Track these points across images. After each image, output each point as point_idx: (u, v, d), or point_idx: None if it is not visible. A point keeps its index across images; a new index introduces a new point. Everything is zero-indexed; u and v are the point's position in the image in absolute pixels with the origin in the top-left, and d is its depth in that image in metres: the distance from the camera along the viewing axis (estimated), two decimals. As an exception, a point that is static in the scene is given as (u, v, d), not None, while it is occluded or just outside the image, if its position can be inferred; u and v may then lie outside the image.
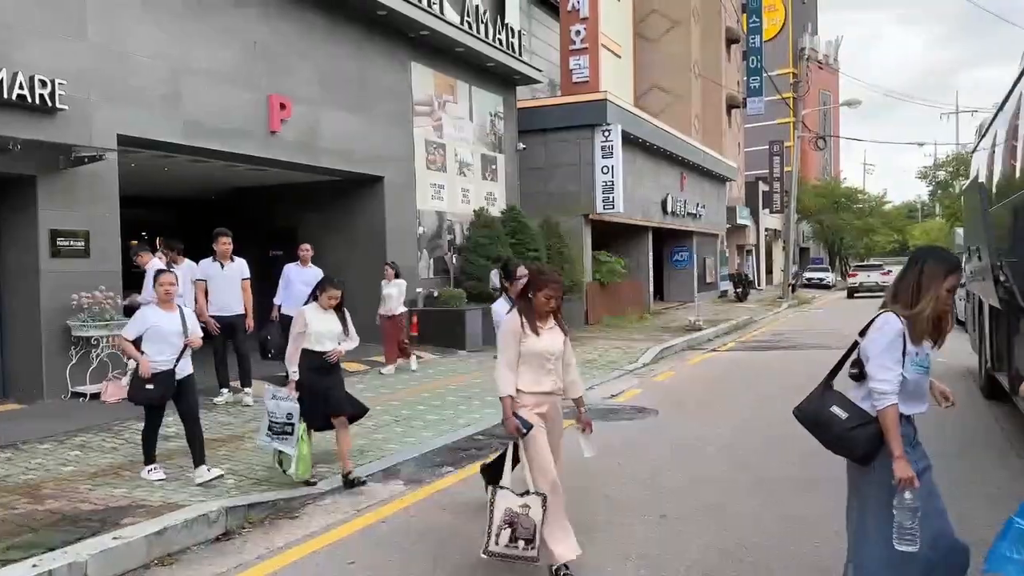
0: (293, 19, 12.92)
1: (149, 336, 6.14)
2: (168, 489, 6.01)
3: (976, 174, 12.90)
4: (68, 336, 9.48)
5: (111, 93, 9.92)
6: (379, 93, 14.98)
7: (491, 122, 19.06)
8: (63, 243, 9.52)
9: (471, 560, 4.89)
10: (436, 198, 16.90)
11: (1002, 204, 8.90)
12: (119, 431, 8.04)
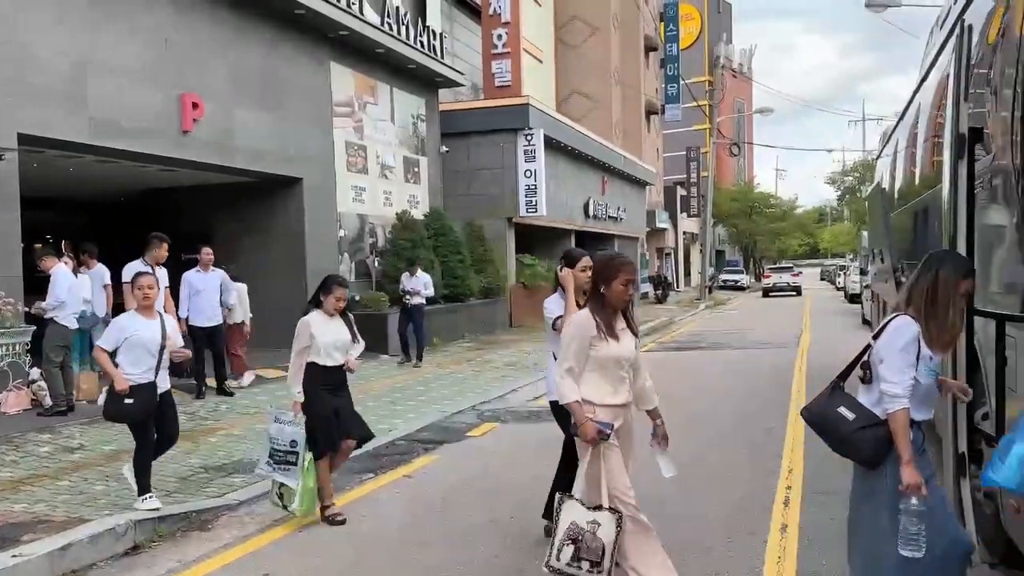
0: (206, 16, 12.53)
1: (127, 346, 5.51)
2: (73, 503, 5.74)
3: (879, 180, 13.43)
4: (-36, 343, 9.03)
5: (10, 90, 9.44)
6: (297, 93, 14.68)
7: (413, 124, 18.93)
8: (-43, 247, 9.07)
9: (393, 566, 4.84)
10: (357, 200, 16.68)
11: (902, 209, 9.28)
12: (20, 443, 7.64)
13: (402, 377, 12.79)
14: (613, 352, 3.89)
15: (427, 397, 10.65)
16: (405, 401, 10.35)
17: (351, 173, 16.41)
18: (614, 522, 3.71)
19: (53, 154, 10.57)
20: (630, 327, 4.07)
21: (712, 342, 18.14)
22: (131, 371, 5.45)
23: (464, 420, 9.34)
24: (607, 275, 3.98)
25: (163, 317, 5.82)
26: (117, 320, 5.80)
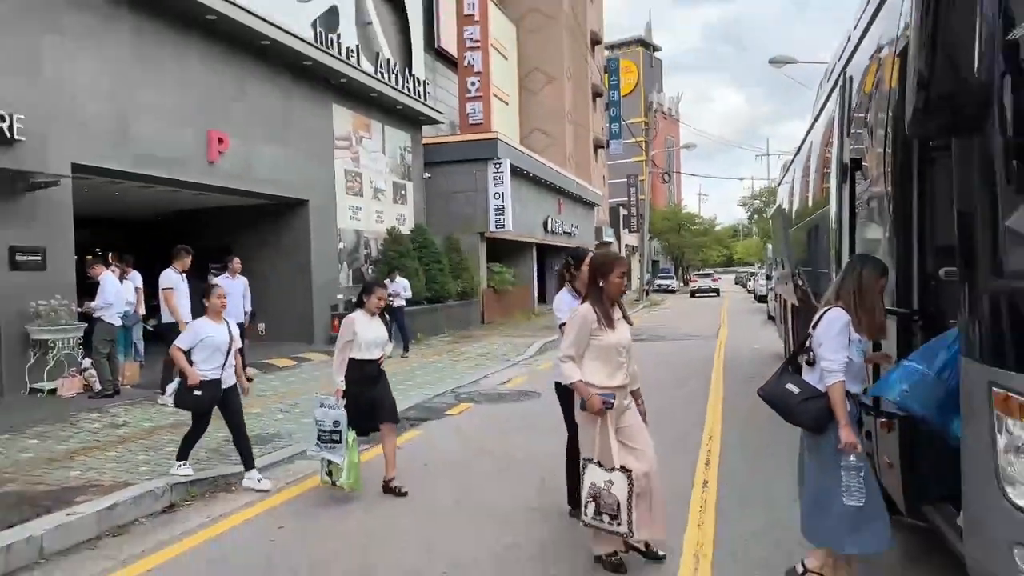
0: (229, 66, 12.50)
1: (201, 346, 5.39)
2: (119, 471, 5.71)
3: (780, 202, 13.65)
4: (27, 339, 8.92)
5: (66, 127, 9.40)
6: (305, 129, 14.66)
7: (401, 155, 18.92)
8: (21, 258, 8.97)
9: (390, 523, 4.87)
10: (354, 218, 16.64)
11: (798, 226, 9.46)
12: (73, 421, 7.58)
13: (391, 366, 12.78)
14: (612, 340, 3.80)
15: (412, 382, 10.67)
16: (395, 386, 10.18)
17: (349, 196, 16.38)
18: (626, 480, 3.64)
19: (100, 181, 10.51)
20: (624, 317, 3.97)
21: (651, 335, 18.32)
22: (204, 368, 5.35)
23: (444, 401, 9.38)
24: (604, 270, 3.87)
25: (229, 322, 5.66)
26: (192, 324, 5.64)
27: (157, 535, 4.69)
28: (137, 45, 10.59)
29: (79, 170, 9.62)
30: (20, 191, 8.94)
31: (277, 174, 13.69)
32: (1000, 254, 2.72)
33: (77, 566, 4.24)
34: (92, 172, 9.97)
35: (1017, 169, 2.69)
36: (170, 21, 11.13)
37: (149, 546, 4.49)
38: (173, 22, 11.18)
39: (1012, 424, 2.65)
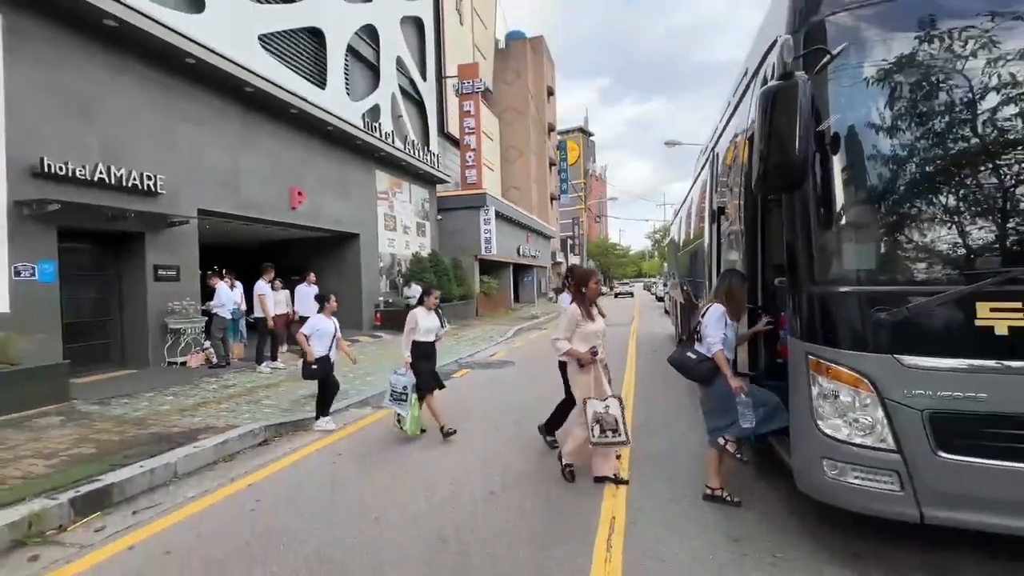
0: (306, 143, 12.31)
1: (317, 335, 5.32)
2: (229, 418, 5.58)
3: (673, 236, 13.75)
4: (165, 328, 8.71)
5: (193, 183, 9.20)
6: (356, 186, 14.47)
7: (422, 204, 18.75)
8: (162, 272, 8.76)
9: (414, 447, 4.81)
10: (390, 247, 16.44)
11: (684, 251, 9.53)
12: (197, 384, 7.40)
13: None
14: (591, 328, 3.80)
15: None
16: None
17: (387, 231, 16.18)
18: (618, 402, 3.68)
19: (216, 220, 10.27)
20: (599, 312, 3.94)
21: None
22: (318, 348, 5.30)
23: (451, 368, 9.31)
24: (585, 280, 3.91)
25: (334, 319, 5.54)
26: (312, 319, 5.43)
27: (255, 461, 4.60)
28: (242, 128, 10.40)
29: (202, 213, 9.42)
30: (162, 227, 8.75)
31: (338, 216, 13.49)
32: (813, 269, 2.77)
33: (200, 481, 4.15)
34: (211, 214, 9.76)
35: (823, 214, 2.75)
36: (266, 112, 10.94)
37: (249, 468, 4.41)
38: (268, 113, 10.99)
39: (821, 379, 2.70)
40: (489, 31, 33.07)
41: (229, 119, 10.11)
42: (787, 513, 3.33)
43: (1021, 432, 2.34)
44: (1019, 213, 2.48)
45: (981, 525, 2.40)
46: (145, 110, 8.48)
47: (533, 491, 3.80)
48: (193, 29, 9.10)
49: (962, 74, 2.58)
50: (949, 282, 2.48)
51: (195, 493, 3.93)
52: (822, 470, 2.67)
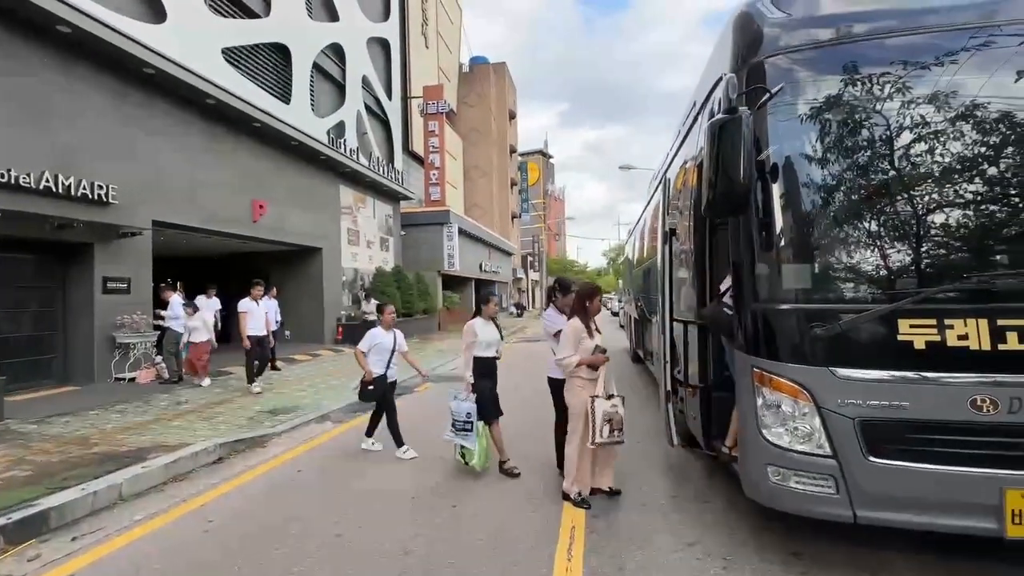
0: (270, 156, 11.95)
1: (375, 350, 4.74)
2: (182, 435, 5.25)
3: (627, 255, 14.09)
4: (113, 342, 8.16)
5: (149, 195, 8.74)
6: (321, 201, 14.14)
7: (386, 219, 18.50)
8: (111, 284, 8.23)
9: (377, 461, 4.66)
10: (353, 261, 16.09)
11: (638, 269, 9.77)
12: (148, 400, 6.94)
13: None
14: (590, 344, 3.69)
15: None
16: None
17: (350, 245, 15.85)
18: (621, 401, 3.61)
19: (173, 232, 9.77)
20: (597, 329, 3.81)
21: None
22: (375, 366, 4.73)
23: (413, 382, 9.11)
24: (589, 295, 3.76)
25: (396, 332, 4.91)
26: (370, 332, 4.85)
27: (209, 480, 4.34)
28: (203, 140, 10.00)
29: (158, 224, 8.94)
30: (113, 238, 8.24)
31: (301, 230, 13.10)
32: (756, 288, 2.90)
33: (149, 503, 3.86)
34: (167, 226, 9.28)
35: (764, 237, 2.89)
36: (229, 125, 10.57)
37: (203, 488, 4.15)
38: (230, 125, 10.62)
39: (764, 391, 2.80)
40: (454, 55, 33.38)
41: (189, 130, 9.70)
42: (736, 518, 3.42)
43: (938, 437, 2.51)
44: (931, 239, 2.69)
45: (908, 524, 2.54)
46: (100, 119, 8.03)
47: (495, 503, 3.74)
48: (153, 39, 8.73)
49: (881, 113, 2.79)
50: (875, 301, 2.65)
51: (143, 516, 3.65)
52: (767, 476, 2.76)
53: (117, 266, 8.33)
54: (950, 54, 2.76)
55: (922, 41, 2.82)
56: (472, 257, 26.03)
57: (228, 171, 10.62)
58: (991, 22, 2.77)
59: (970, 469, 2.45)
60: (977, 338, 2.47)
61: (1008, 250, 2.63)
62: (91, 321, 8.00)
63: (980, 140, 2.69)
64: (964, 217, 2.68)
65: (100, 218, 7.85)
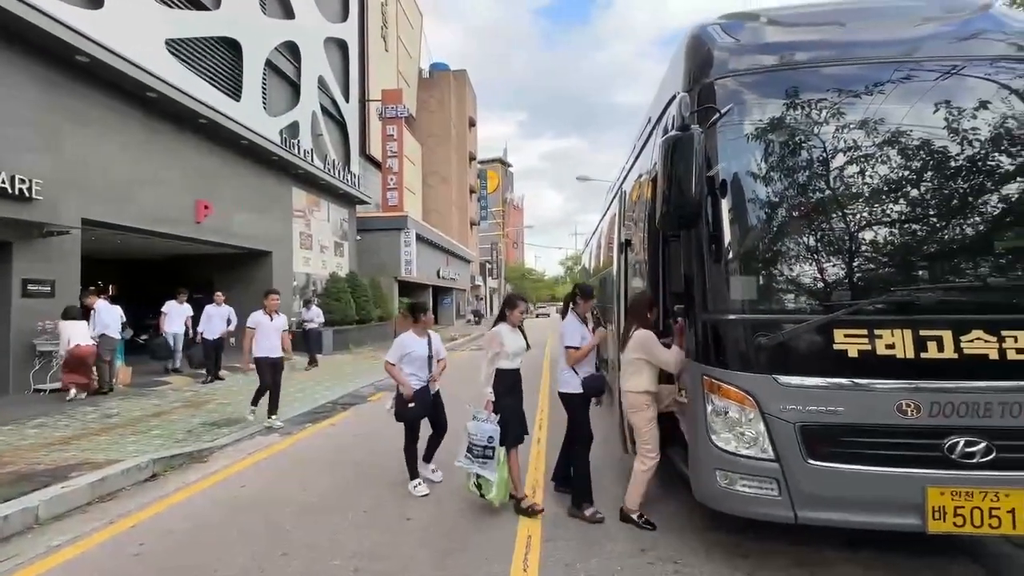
0: (217, 155, 11.38)
1: (408, 359, 4.02)
2: (110, 451, 4.86)
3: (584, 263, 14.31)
4: (33, 350, 7.48)
5: (79, 191, 8.11)
6: (271, 203, 13.59)
7: (341, 223, 18.00)
8: (32, 287, 7.58)
9: (326, 474, 4.48)
10: (306, 265, 15.55)
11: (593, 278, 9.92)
12: (72, 414, 6.39)
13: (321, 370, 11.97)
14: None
15: (343, 379, 10.04)
16: (331, 381, 9.69)
17: (302, 249, 15.31)
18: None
19: (106, 232, 9.12)
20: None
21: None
22: (413, 378, 4.03)
23: (366, 391, 8.90)
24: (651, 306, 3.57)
25: (431, 336, 4.21)
26: (400, 340, 4.13)
27: (140, 499, 4.02)
28: (143, 134, 9.40)
29: (88, 223, 8.30)
30: (35, 237, 7.58)
31: (249, 232, 12.51)
32: (705, 298, 3.00)
33: (70, 526, 3.54)
34: (99, 225, 8.63)
35: (713, 250, 3.01)
36: (172, 120, 9.99)
37: (133, 507, 3.85)
38: (174, 121, 10.04)
39: (714, 398, 2.90)
40: (414, 60, 33.12)
41: (128, 124, 9.11)
42: (687, 522, 3.51)
43: (869, 440, 2.67)
44: (862, 254, 2.89)
45: (844, 522, 2.69)
46: (24, 108, 7.41)
47: (450, 514, 3.68)
48: (88, 25, 8.17)
49: (818, 136, 2.98)
50: (813, 312, 2.81)
51: (62, 541, 3.34)
52: (716, 480, 2.85)
53: (40, 267, 7.68)
54: (878, 84, 2.99)
55: (854, 71, 3.04)
56: (430, 263, 25.74)
57: (170, 169, 10.04)
58: (913, 57, 3.02)
59: (896, 469, 2.63)
60: (903, 347, 2.66)
61: (929, 266, 2.85)
62: (7, 326, 7.32)
63: (903, 164, 2.91)
64: (891, 234, 2.89)
65: (20, 215, 7.21)
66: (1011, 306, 2.69)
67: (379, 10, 25.64)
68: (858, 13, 3.38)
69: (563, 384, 3.76)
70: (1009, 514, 2.54)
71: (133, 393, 7.75)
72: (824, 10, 3.51)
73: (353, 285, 17.13)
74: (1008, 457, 2.57)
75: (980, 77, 2.95)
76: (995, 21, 3.20)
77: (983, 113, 2.90)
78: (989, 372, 2.59)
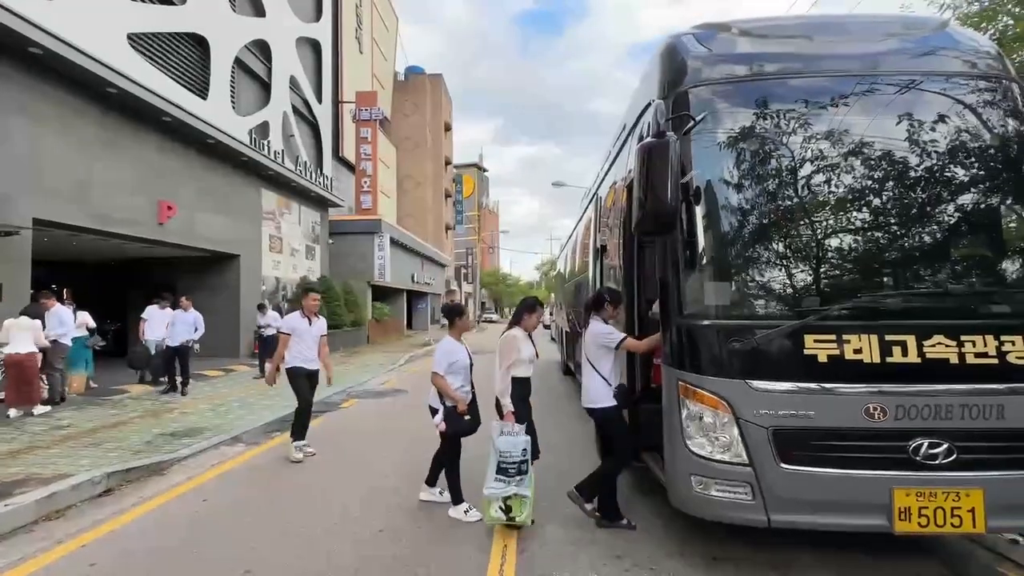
0: (182, 154, 10.98)
1: (454, 369, 3.58)
2: (61, 465, 4.58)
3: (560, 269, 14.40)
4: (-25, 358, 6.96)
5: (29, 189, 7.68)
6: (239, 204, 13.18)
7: (312, 226, 17.62)
8: (-23, 291, 7.08)
9: (296, 488, 4.32)
10: (275, 269, 15.14)
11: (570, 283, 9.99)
12: (19, 426, 6.00)
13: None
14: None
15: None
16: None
17: (272, 253, 14.91)
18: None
19: (60, 233, 8.66)
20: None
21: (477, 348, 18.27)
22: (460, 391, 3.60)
23: (338, 398, 8.69)
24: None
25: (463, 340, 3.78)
26: (444, 347, 3.65)
27: (93, 516, 3.79)
28: (101, 131, 8.99)
29: (40, 223, 7.86)
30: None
31: (216, 235, 12.08)
32: (681, 304, 3.02)
33: (12, 548, 3.29)
34: (53, 226, 8.19)
35: (688, 256, 3.03)
36: (134, 117, 9.59)
37: (84, 525, 3.62)
38: (136, 118, 9.64)
39: (689, 403, 2.91)
40: (389, 63, 32.84)
41: (85, 121, 8.70)
42: (662, 527, 3.51)
43: (840, 443, 2.72)
44: (829, 261, 2.95)
45: (814, 525, 2.73)
46: (-32, 100, 6.99)
47: (422, 527, 3.58)
48: (42, 16, 7.77)
49: (787, 145, 3.05)
50: (784, 317, 2.85)
51: (4, 564, 3.11)
52: (691, 486, 2.86)
53: (-14, 270, 7.23)
54: (843, 96, 3.08)
55: (821, 83, 3.13)
56: (404, 268, 25.45)
57: (131, 168, 9.62)
58: (875, 72, 3.13)
59: (865, 472, 2.68)
60: (869, 352, 2.73)
61: (893, 272, 2.94)
62: (-52, 333, 6.83)
63: (867, 174, 3.00)
64: (857, 242, 2.97)
65: (-35, 214, 6.79)
66: (970, 312, 2.79)
67: (353, 11, 25.35)
68: (824, 28, 3.48)
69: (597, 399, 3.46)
70: (970, 513, 2.62)
71: (87, 403, 7.35)
72: (792, 23, 3.60)
73: (325, 289, 16.79)
74: (968, 458, 2.65)
75: (937, 92, 3.08)
76: (951, 39, 3.34)
77: (940, 126, 3.02)
78: (950, 376, 2.67)
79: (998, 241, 2.99)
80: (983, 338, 2.68)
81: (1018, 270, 2.97)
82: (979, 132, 3.03)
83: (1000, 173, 3.02)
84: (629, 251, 3.99)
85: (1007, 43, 8.22)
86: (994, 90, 3.13)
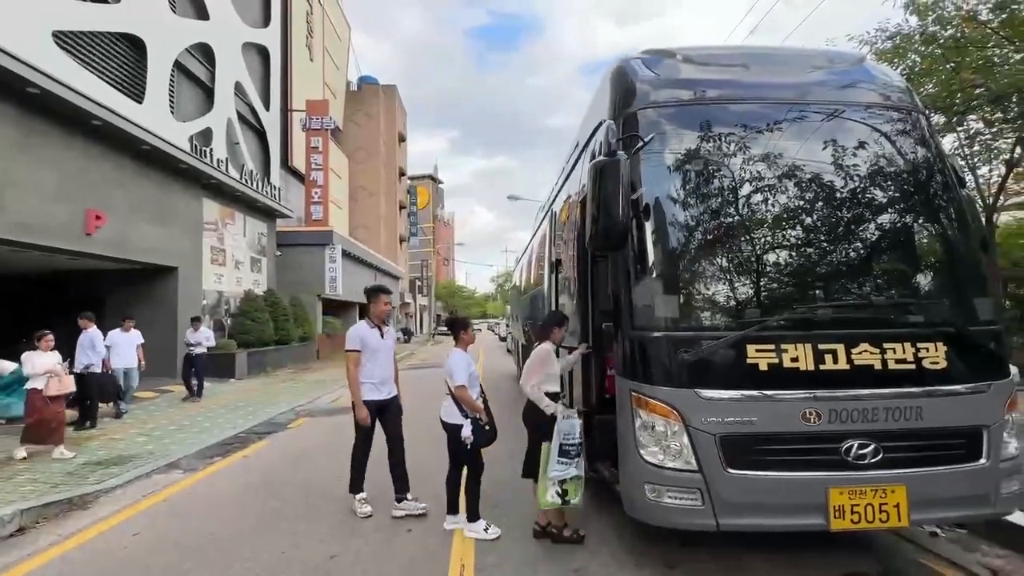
0: (112, 160, 10.27)
1: (471, 380, 3.51)
2: (-38, 502, 4.11)
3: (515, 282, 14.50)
4: None
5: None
6: (178, 214, 12.44)
7: (258, 238, 16.89)
8: None
9: (236, 516, 4.07)
10: (217, 283, 14.36)
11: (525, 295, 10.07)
12: (-88, 460, 5.36)
13: (236, 393, 11.05)
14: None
15: (261, 404, 9.31)
16: (246, 407, 8.94)
17: (214, 265, 14.15)
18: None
19: (-33, 243, 7.86)
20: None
21: (433, 363, 18.09)
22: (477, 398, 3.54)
23: (286, 417, 8.31)
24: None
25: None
26: (457, 359, 3.53)
27: (3, 559, 3.41)
28: (20, 134, 8.27)
29: (-55, 234, 7.14)
30: None
31: (151, 246, 11.34)
32: (633, 316, 3.12)
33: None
34: (-40, 236, 7.47)
35: (638, 269, 3.14)
36: (58, 120, 8.89)
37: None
38: (60, 120, 8.94)
39: (641, 412, 2.99)
40: (341, 72, 32.29)
41: (2, 121, 8.00)
42: (617, 537, 3.56)
43: (781, 447, 2.87)
44: (767, 275, 3.14)
45: (760, 527, 2.85)
46: None
47: (378, 547, 3.47)
48: (-47, 8, 7.14)
49: (727, 166, 3.24)
50: (728, 328, 3.00)
51: None
52: (644, 493, 2.92)
53: None
54: (776, 122, 3.32)
55: (757, 109, 3.36)
56: (357, 280, 24.78)
57: (54, 174, 8.91)
58: (803, 100, 3.39)
59: (803, 474, 2.84)
60: (805, 360, 2.91)
61: (824, 285, 3.15)
62: None
63: (798, 195, 3.23)
64: (791, 256, 3.17)
65: None
66: (890, 321, 3.03)
67: (304, 18, 24.82)
68: (759, 58, 3.75)
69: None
70: (895, 508, 2.82)
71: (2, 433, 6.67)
72: (730, 52, 3.85)
73: (271, 303, 16.09)
74: (892, 457, 2.86)
75: (857, 120, 3.37)
76: (867, 73, 3.69)
77: (860, 152, 3.31)
78: (875, 380, 2.89)
79: (912, 256, 3.28)
80: (902, 345, 2.92)
81: (930, 283, 3.26)
82: (893, 158, 3.34)
83: (912, 195, 3.33)
84: (583, 265, 4.07)
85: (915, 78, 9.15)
86: (904, 120, 3.46)
